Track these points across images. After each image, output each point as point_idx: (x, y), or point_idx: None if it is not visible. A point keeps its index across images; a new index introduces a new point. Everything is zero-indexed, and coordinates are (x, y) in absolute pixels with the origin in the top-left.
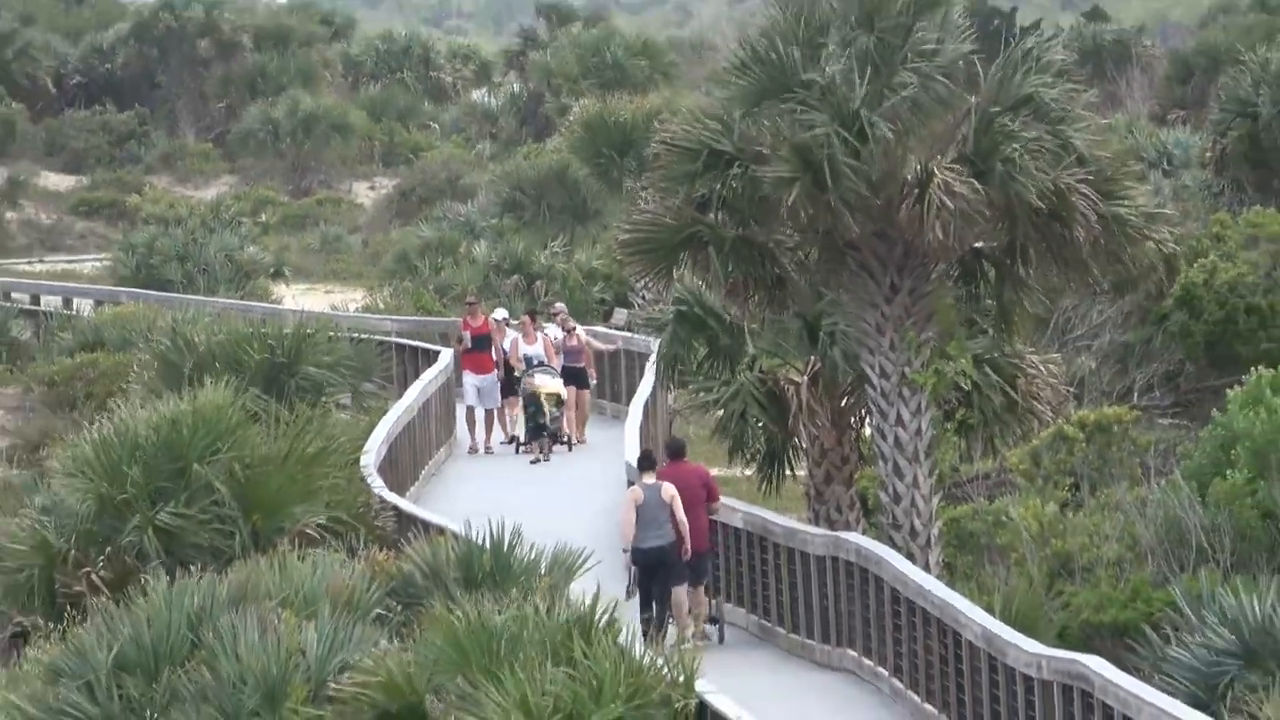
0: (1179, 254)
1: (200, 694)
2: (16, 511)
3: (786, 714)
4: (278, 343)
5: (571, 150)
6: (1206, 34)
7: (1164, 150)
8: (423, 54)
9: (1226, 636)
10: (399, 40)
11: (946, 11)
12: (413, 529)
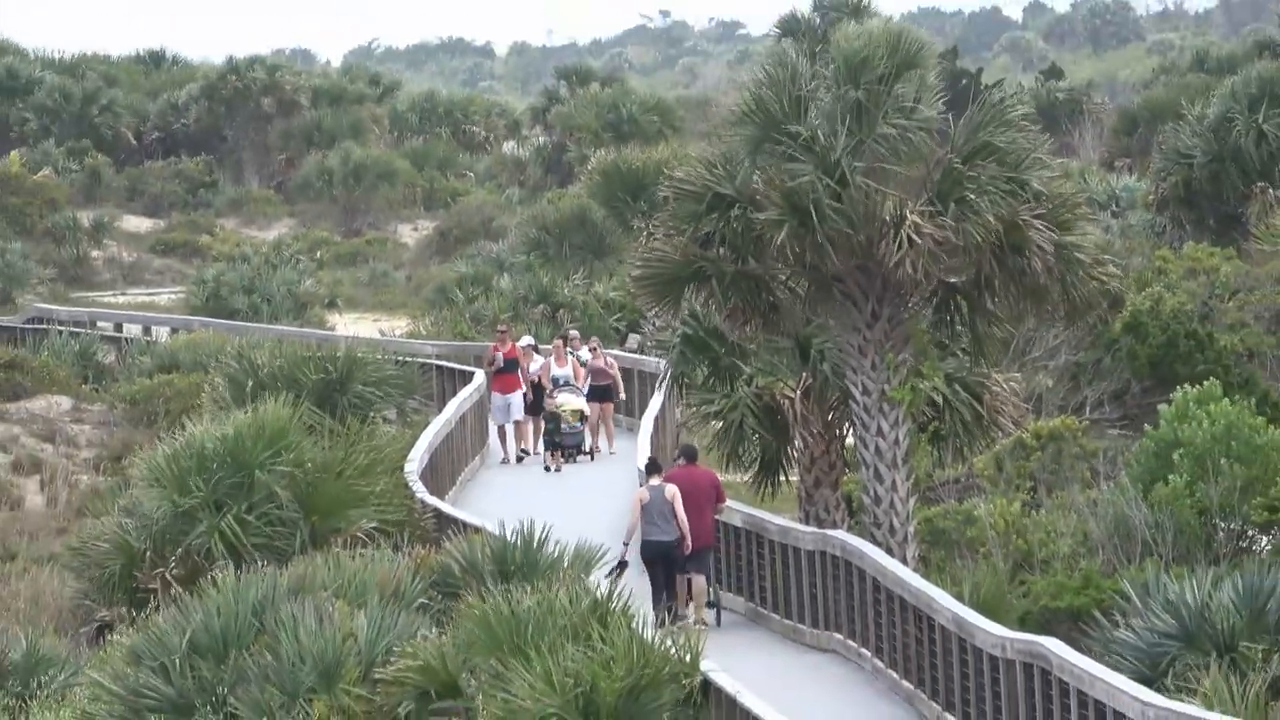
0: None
1: (263, 674)
2: (102, 515)
3: (780, 690)
4: (332, 365)
5: (590, 195)
6: (1150, 92)
7: (1112, 194)
8: (459, 111)
9: (1168, 621)
10: (439, 99)
11: (922, 73)
12: (451, 528)
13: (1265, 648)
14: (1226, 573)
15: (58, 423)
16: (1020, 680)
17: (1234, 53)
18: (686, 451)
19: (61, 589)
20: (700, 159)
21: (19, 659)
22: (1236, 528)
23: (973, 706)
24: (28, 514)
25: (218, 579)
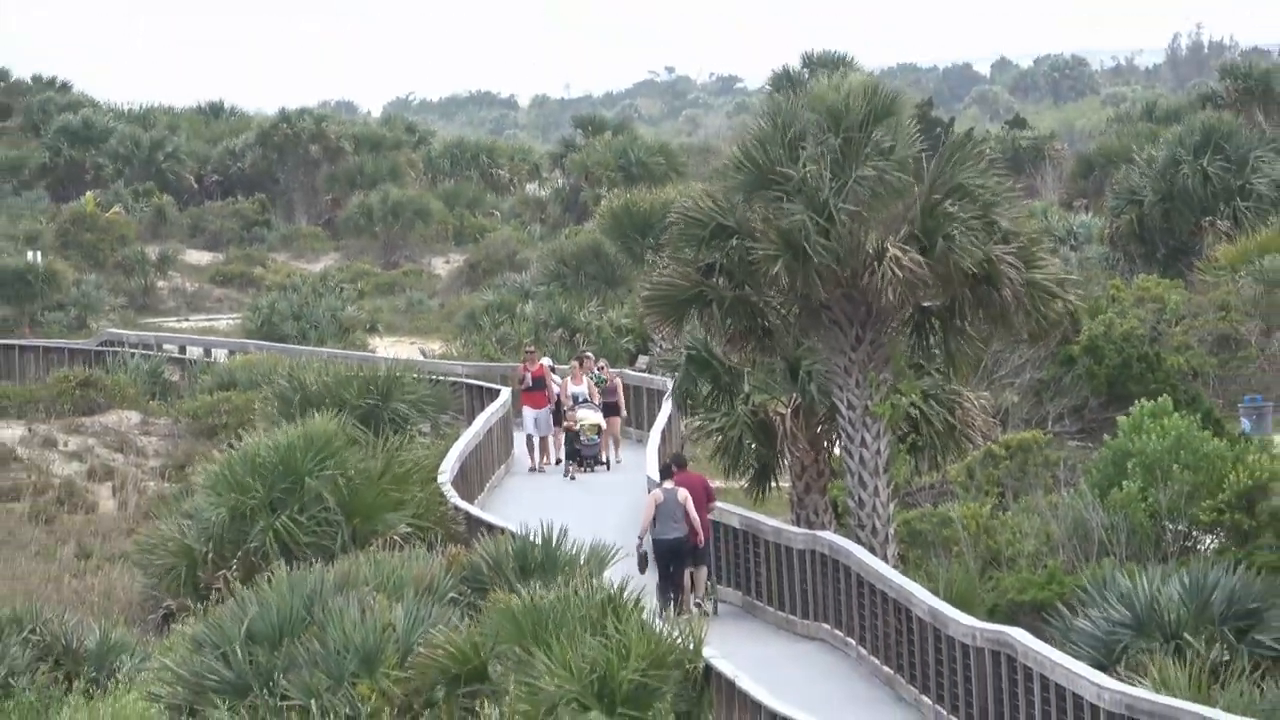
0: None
1: (312, 660)
2: (167, 518)
3: (774, 675)
4: (372, 383)
5: (603, 231)
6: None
7: (1071, 230)
8: (486, 156)
9: (1121, 612)
10: (468, 145)
11: (899, 121)
12: (479, 530)
13: (1207, 636)
14: (1174, 569)
15: (128, 435)
16: (989, 666)
17: (1180, 104)
18: (677, 458)
19: (131, 584)
20: (705, 197)
21: (93, 646)
22: (1183, 529)
23: (946, 689)
24: (101, 517)
25: (272, 575)
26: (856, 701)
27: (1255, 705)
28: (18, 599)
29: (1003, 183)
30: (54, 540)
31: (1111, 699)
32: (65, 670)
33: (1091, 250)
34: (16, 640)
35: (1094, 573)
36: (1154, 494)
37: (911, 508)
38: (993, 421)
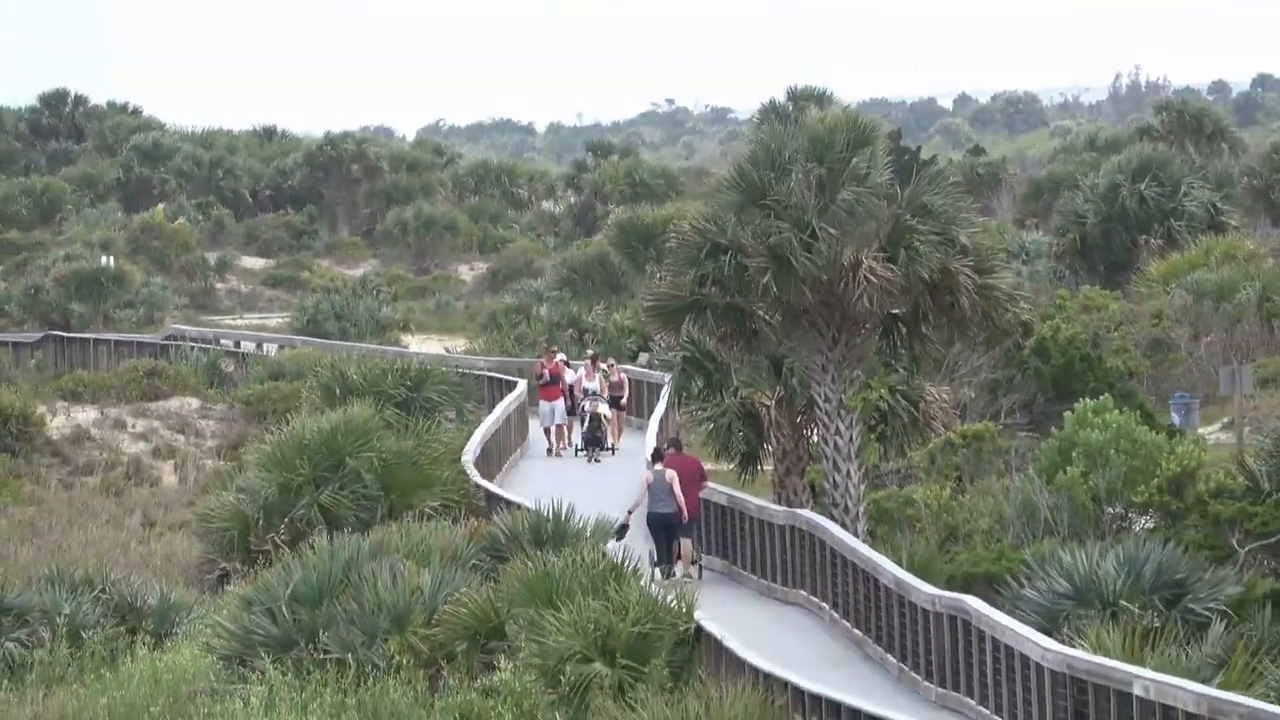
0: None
1: (349, 618)
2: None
3: (757, 635)
4: (405, 375)
5: (610, 243)
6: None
7: (1023, 246)
8: (507, 176)
9: (1063, 584)
10: (491, 166)
11: (873, 149)
12: (498, 505)
13: (1139, 605)
14: (1110, 546)
15: (188, 418)
16: (947, 629)
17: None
18: (674, 442)
19: (189, 549)
20: (700, 215)
21: (155, 604)
22: (1119, 510)
23: (909, 650)
24: (163, 490)
25: (315, 543)
26: (829, 660)
27: (1181, 665)
28: (90, 562)
29: (962, 204)
30: (122, 510)
31: (1054, 659)
32: (130, 625)
33: (1041, 264)
34: (88, 598)
35: (1039, 548)
36: (1094, 479)
37: (880, 489)
38: (952, 414)
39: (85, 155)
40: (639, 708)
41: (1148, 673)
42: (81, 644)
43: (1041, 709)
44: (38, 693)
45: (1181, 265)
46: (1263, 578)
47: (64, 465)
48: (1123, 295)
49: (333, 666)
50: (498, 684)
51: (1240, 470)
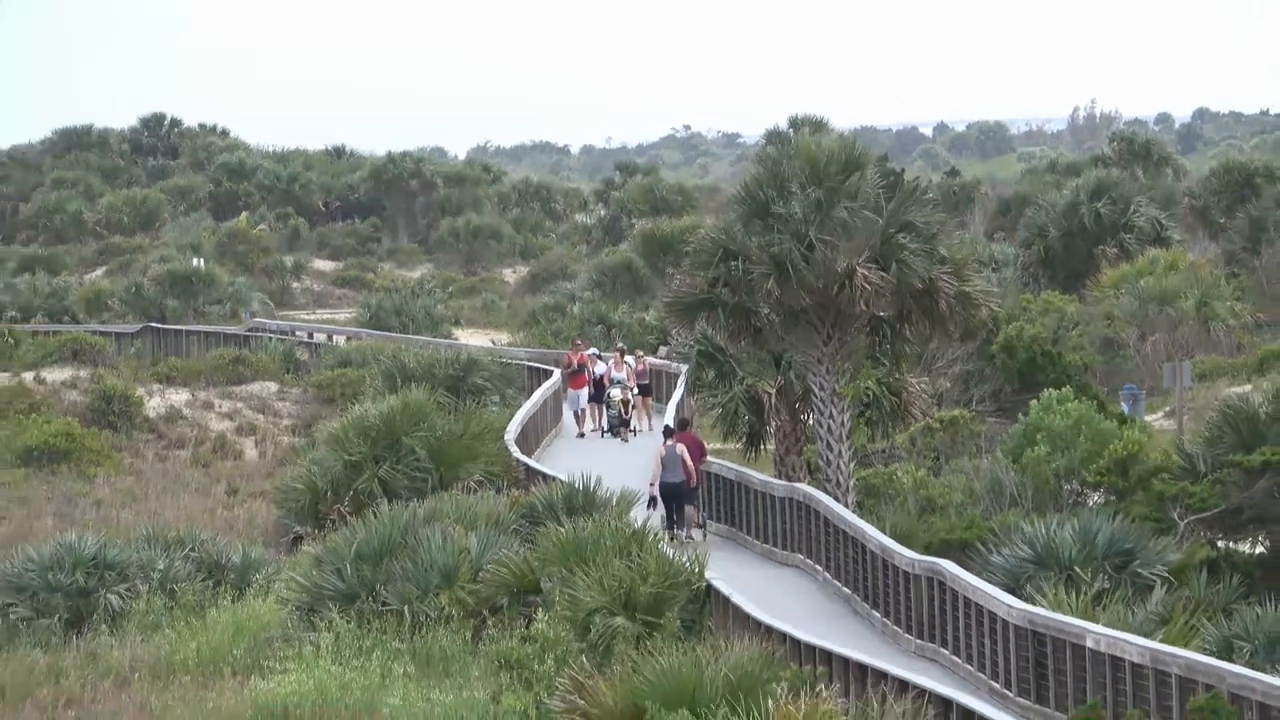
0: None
1: (405, 575)
2: (297, 465)
3: (759, 592)
4: (456, 364)
5: (634, 251)
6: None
7: (993, 256)
8: (545, 191)
9: (1026, 550)
10: (531, 183)
11: (864, 172)
12: (536, 478)
13: (1092, 569)
14: (1067, 518)
15: (268, 400)
16: (924, 589)
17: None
18: (680, 424)
19: (268, 515)
20: (712, 226)
21: (238, 562)
22: (1075, 487)
23: (891, 606)
24: (245, 463)
25: (376, 509)
26: (822, 614)
27: (1128, 622)
28: (181, 524)
29: (940, 219)
30: (209, 480)
31: (1017, 615)
32: (215, 580)
33: (1008, 272)
34: (180, 556)
35: (1005, 519)
36: (1055, 459)
37: (867, 467)
38: (929, 402)
39: (180, 171)
40: (657, 655)
41: (1099, 628)
42: (174, 596)
43: (1006, 659)
44: (136, 638)
45: (1130, 274)
46: (1199, 547)
47: (159, 440)
48: (1079, 299)
49: (391, 617)
50: (534, 634)
51: (1180, 453)
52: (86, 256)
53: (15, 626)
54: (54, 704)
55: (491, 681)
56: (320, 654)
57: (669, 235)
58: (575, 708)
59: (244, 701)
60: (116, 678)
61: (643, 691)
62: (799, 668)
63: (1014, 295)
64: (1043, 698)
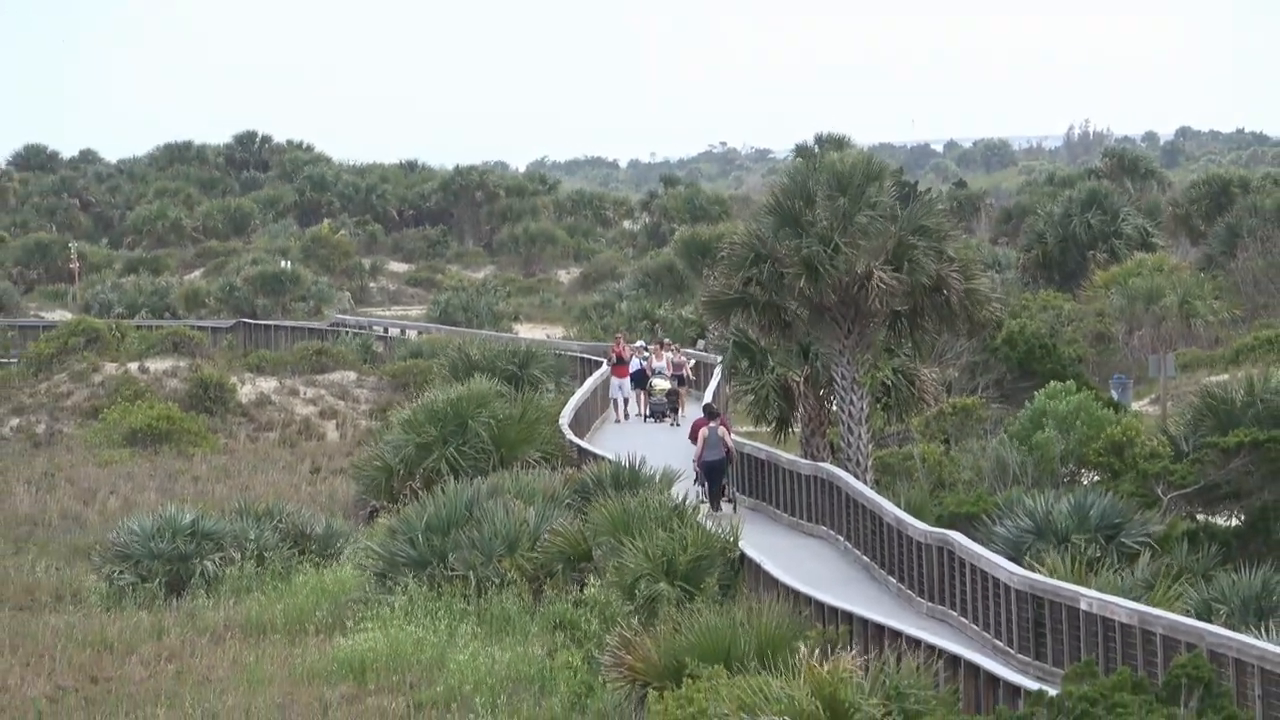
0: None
1: (471, 544)
2: (374, 445)
3: (787, 560)
4: (516, 355)
5: (676, 254)
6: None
7: (996, 259)
8: (596, 201)
9: (1027, 522)
10: (584, 194)
11: (881, 183)
12: (587, 458)
13: (1086, 539)
14: (1063, 494)
15: (347, 387)
16: (935, 557)
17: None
18: (710, 410)
19: (347, 490)
20: (746, 232)
21: (321, 532)
22: (1071, 467)
23: (905, 571)
24: (327, 444)
25: (444, 485)
26: (843, 580)
27: (1118, 587)
28: (270, 498)
29: (949, 225)
30: (295, 459)
31: (1019, 580)
32: (301, 548)
33: (1010, 273)
34: (269, 526)
35: (1008, 495)
36: (1062, 440)
37: (884, 448)
38: (940, 389)
39: (269, 182)
40: (695, 617)
41: (1092, 592)
42: (263, 562)
43: (1009, 620)
44: (229, 600)
45: (1120, 275)
46: (1180, 520)
47: (250, 423)
48: (1074, 298)
49: (458, 582)
50: (586, 597)
51: (1164, 436)
52: (186, 259)
53: (122, 590)
54: (156, 658)
55: (547, 640)
56: (394, 615)
57: (706, 240)
58: (622, 663)
59: (326, 657)
60: (212, 635)
61: (683, 649)
62: (823, 627)
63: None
64: (1041, 655)
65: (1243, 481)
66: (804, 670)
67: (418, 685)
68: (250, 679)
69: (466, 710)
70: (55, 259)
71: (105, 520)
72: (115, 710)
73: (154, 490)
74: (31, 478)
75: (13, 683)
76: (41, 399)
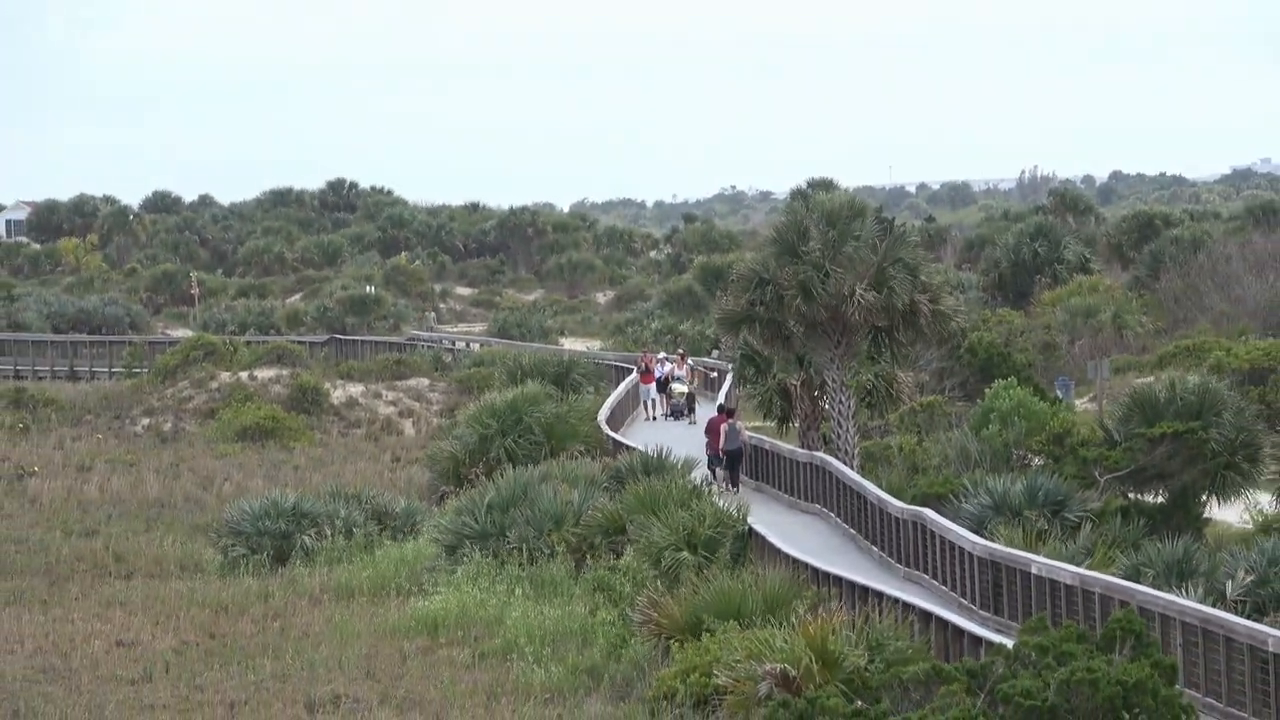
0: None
1: (525, 520)
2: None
3: (787, 532)
4: (561, 364)
5: (694, 279)
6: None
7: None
8: (627, 235)
9: (986, 500)
10: (617, 229)
11: (864, 220)
12: (621, 449)
13: (1035, 514)
14: (1016, 476)
15: (421, 391)
16: (910, 529)
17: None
18: (726, 408)
19: (422, 477)
20: (752, 261)
21: (399, 511)
22: (1022, 454)
23: (886, 542)
24: (405, 438)
25: (503, 472)
26: (834, 549)
27: (1062, 554)
28: (357, 484)
29: (921, 254)
30: (378, 451)
31: (980, 549)
32: (383, 525)
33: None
34: (356, 507)
35: (971, 478)
36: (1005, 433)
37: (868, 439)
38: (914, 390)
39: (355, 221)
40: (711, 580)
41: (1041, 558)
42: (352, 537)
43: (972, 581)
44: (323, 569)
45: (1063, 295)
46: (1114, 498)
47: (341, 421)
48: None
49: (514, 552)
50: (621, 565)
51: (1100, 428)
52: (287, 285)
53: (235, 561)
54: (264, 617)
55: (588, 600)
56: (461, 580)
57: (719, 267)
58: (650, 619)
59: (404, 615)
60: (309, 598)
61: (701, 607)
62: (816, 589)
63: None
64: (999, 611)
65: (1166, 465)
66: (800, 625)
67: (481, 638)
68: (341, 634)
69: (521, 659)
70: (179, 286)
71: (221, 503)
72: (229, 660)
73: (261, 478)
74: (159, 467)
75: (145, 638)
76: (168, 402)
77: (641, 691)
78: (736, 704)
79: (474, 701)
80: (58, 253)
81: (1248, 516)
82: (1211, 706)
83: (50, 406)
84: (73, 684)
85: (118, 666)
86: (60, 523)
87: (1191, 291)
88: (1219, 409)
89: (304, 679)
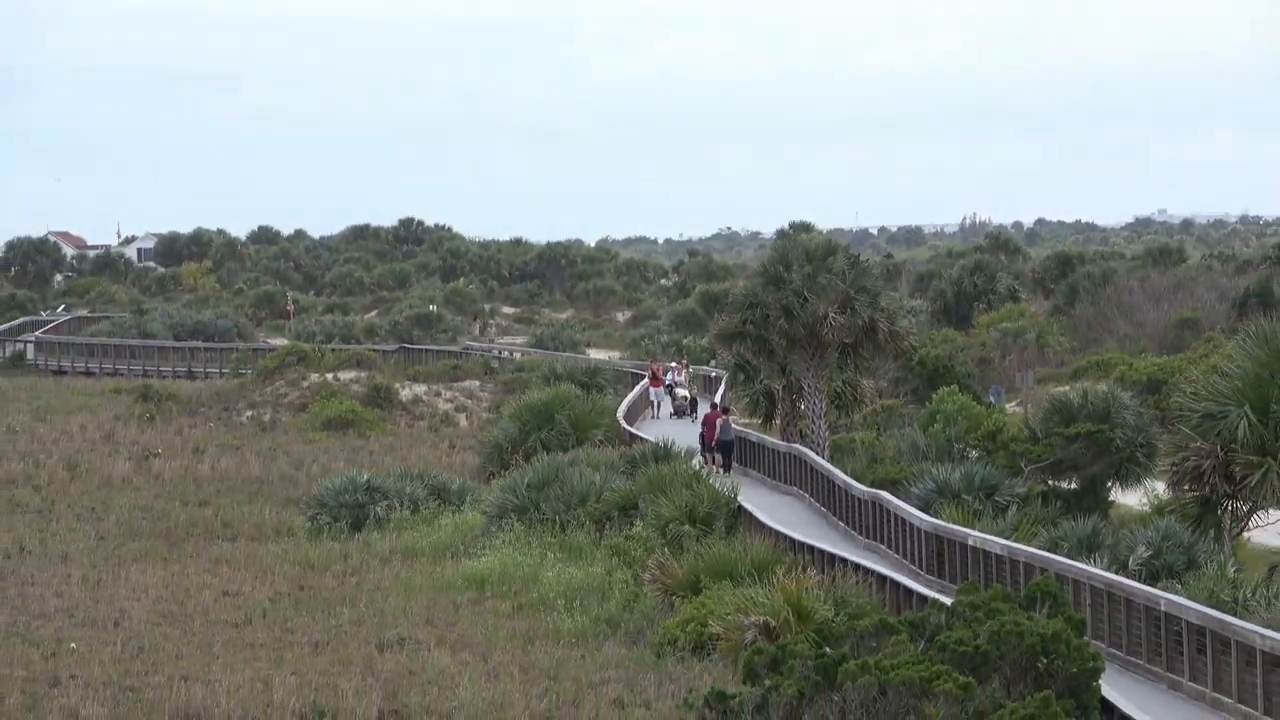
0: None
1: (556, 497)
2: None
3: (770, 509)
4: (586, 370)
5: (696, 303)
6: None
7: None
8: (642, 265)
9: (932, 485)
10: (634, 261)
11: (836, 256)
12: (635, 440)
13: (972, 497)
14: (957, 466)
15: (474, 391)
16: (870, 508)
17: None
18: (722, 407)
19: (473, 460)
20: (743, 289)
21: (455, 488)
22: (961, 448)
23: (850, 518)
24: (458, 430)
25: (538, 457)
26: (808, 523)
27: (994, 529)
28: (421, 466)
29: (880, 285)
30: (438, 439)
31: (926, 525)
32: (442, 499)
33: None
34: (420, 485)
35: (920, 467)
36: (948, 430)
37: (837, 434)
38: (874, 395)
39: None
40: (708, 548)
41: (975, 533)
42: (416, 509)
43: (920, 551)
44: (393, 535)
45: (996, 319)
46: (1037, 484)
47: (408, 415)
48: (965, 334)
49: (547, 523)
50: (634, 534)
51: (1026, 427)
52: (365, 304)
53: (320, 527)
54: (344, 573)
55: (607, 563)
56: (504, 545)
57: (717, 293)
58: (658, 579)
59: (458, 574)
60: (380, 558)
61: (699, 570)
62: (794, 555)
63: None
64: (943, 575)
65: (1079, 458)
66: (780, 585)
67: (519, 593)
68: (406, 588)
69: (552, 610)
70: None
71: (309, 480)
72: (314, 609)
73: (342, 460)
74: (260, 451)
75: (246, 589)
76: (267, 398)
77: (650, 638)
78: (727, 648)
79: (514, 644)
80: (179, 275)
81: (1145, 501)
82: (1114, 655)
83: (171, 400)
84: (187, 626)
85: (224, 612)
86: (179, 495)
87: (1101, 317)
88: (1122, 413)
89: (375, 624)
